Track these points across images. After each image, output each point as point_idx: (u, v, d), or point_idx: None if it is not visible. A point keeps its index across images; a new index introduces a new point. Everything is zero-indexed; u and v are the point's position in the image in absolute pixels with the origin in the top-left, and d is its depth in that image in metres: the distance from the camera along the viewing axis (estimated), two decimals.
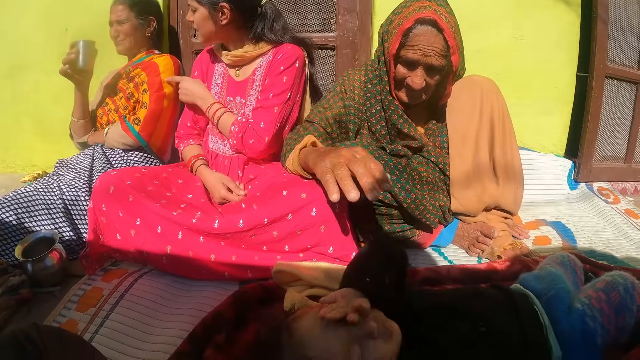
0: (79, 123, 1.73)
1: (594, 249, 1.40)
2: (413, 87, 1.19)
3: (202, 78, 1.59)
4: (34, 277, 1.22)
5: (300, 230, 1.14)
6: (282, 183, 1.21)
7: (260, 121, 1.40)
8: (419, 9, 1.14)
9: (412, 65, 1.18)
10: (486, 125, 1.31)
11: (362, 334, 0.68)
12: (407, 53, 1.16)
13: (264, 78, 1.45)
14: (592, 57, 1.84)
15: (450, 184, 1.33)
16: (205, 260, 1.16)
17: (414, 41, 1.14)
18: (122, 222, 1.22)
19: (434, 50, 1.13)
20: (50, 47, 2.15)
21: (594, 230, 1.56)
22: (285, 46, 1.46)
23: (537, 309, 0.83)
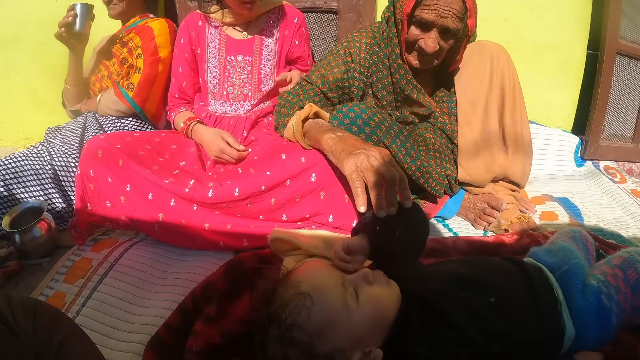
0: (72, 90, 1.68)
1: (601, 227, 1.35)
2: (426, 50, 1.12)
3: (192, 45, 1.51)
4: (22, 249, 1.19)
5: (299, 197, 1.08)
6: (281, 146, 1.16)
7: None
8: None
9: (427, 27, 1.11)
10: (496, 93, 1.25)
11: (356, 277, 0.70)
12: (422, 13, 1.09)
13: (286, 41, 1.51)
14: (603, 32, 1.78)
15: (458, 153, 1.27)
16: (199, 229, 1.11)
17: (430, 0, 1.07)
18: (112, 188, 1.16)
19: (451, 11, 1.07)
20: (42, 17, 2.09)
21: (601, 208, 1.52)
22: (290, 7, 1.52)
23: (552, 283, 0.77)
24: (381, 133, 1.09)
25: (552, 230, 1.28)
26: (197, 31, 1.51)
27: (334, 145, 0.96)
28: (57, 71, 2.02)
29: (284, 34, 1.48)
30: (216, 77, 1.48)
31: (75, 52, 1.61)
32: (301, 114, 1.09)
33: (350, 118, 1.07)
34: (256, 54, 1.46)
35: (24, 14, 2.13)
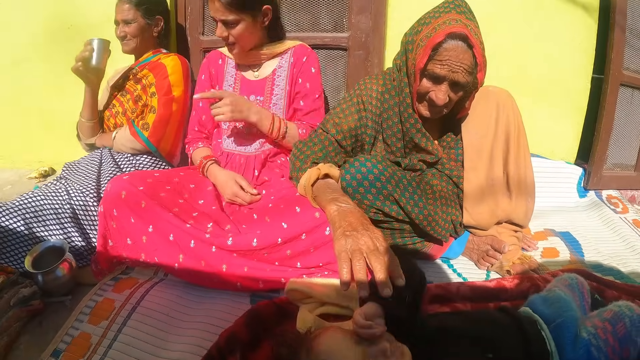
0: (87, 124, 1.71)
1: (600, 263, 1.41)
2: (436, 102, 1.17)
3: (211, 81, 1.58)
4: (44, 288, 1.23)
5: (314, 249, 1.13)
6: (295, 198, 1.21)
7: (317, 122, 1.48)
8: (449, 22, 1.11)
9: (438, 80, 1.16)
10: (501, 139, 1.30)
11: (376, 352, 0.74)
12: (434, 68, 1.13)
13: (293, 80, 1.51)
14: (607, 64, 1.81)
15: (464, 197, 1.32)
16: (217, 270, 1.16)
17: (443, 56, 1.11)
18: (134, 228, 1.22)
19: (462, 66, 1.11)
20: (55, 41, 2.12)
21: (602, 241, 1.57)
22: (303, 48, 1.53)
23: (545, 335, 0.85)
24: (391, 187, 1.14)
25: (553, 268, 1.34)
26: (217, 69, 1.57)
27: (333, 220, 1.02)
28: (69, 94, 2.05)
29: (292, 73, 1.51)
30: None
31: (91, 87, 1.64)
32: (310, 178, 1.15)
33: (362, 173, 1.13)
34: (267, 94, 1.50)
35: (35, 35, 2.16)
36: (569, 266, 1.38)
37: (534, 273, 1.28)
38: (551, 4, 1.78)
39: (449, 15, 1.12)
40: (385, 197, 1.16)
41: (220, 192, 1.40)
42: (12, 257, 1.31)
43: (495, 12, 1.80)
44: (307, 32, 1.93)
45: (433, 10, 1.19)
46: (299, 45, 1.53)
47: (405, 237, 1.27)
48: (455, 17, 1.11)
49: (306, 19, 1.94)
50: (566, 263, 1.42)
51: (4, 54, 2.23)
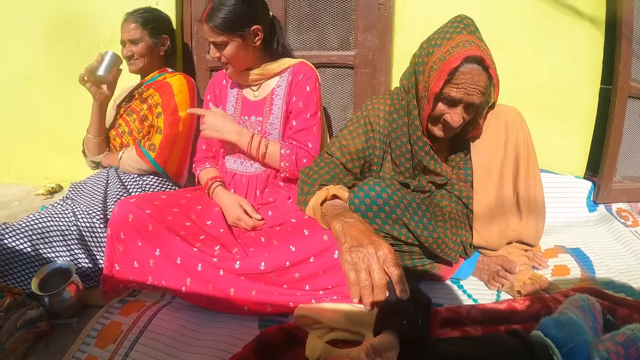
0: (93, 140, 1.70)
1: (612, 279, 1.39)
2: (452, 124, 1.16)
3: (216, 102, 1.58)
4: (51, 310, 1.22)
5: (322, 272, 1.12)
6: (303, 221, 1.20)
7: (307, 142, 1.45)
8: (463, 44, 1.09)
9: (453, 103, 1.15)
10: (511, 159, 1.29)
11: None
12: (450, 91, 1.12)
13: (289, 98, 1.47)
14: (615, 76, 1.80)
15: (473, 218, 1.31)
16: (225, 294, 1.16)
17: (459, 80, 1.10)
18: (141, 251, 1.22)
19: (477, 88, 1.11)
20: (62, 59, 2.14)
21: (612, 257, 1.55)
22: (302, 65, 1.49)
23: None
24: (400, 211, 1.13)
25: (564, 287, 1.33)
26: (220, 89, 1.57)
27: (338, 236, 1.02)
28: (76, 113, 2.07)
29: (289, 91, 1.49)
30: None
31: (98, 101, 1.64)
32: (319, 197, 1.14)
33: (371, 197, 1.12)
34: (266, 114, 1.49)
35: (44, 54, 2.18)
36: (580, 284, 1.37)
37: (545, 293, 1.27)
38: (557, 18, 1.77)
39: (461, 36, 1.11)
40: (394, 221, 1.15)
41: (225, 215, 1.40)
42: (19, 278, 1.30)
43: (501, 29, 1.80)
44: (314, 51, 1.94)
45: (442, 30, 1.18)
46: (298, 64, 1.51)
47: (414, 259, 1.26)
48: (467, 38, 1.10)
49: (313, 38, 1.95)
50: (577, 281, 1.40)
51: (13, 71, 2.25)
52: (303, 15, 1.92)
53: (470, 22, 1.17)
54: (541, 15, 1.77)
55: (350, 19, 1.90)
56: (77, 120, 2.04)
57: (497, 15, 1.79)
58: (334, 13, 1.91)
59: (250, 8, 1.37)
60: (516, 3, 1.77)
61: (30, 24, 2.17)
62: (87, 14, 2.06)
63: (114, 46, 1.79)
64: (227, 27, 1.34)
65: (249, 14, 1.36)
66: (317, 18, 1.92)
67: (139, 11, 1.69)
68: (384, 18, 1.86)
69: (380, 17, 1.86)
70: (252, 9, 1.37)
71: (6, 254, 1.29)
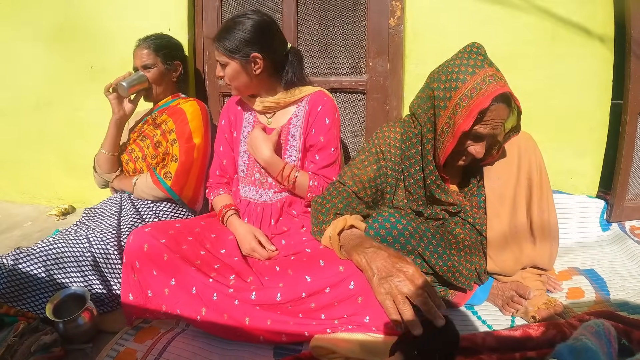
0: (107, 156, 1.69)
1: (627, 301, 1.38)
2: (476, 156, 1.20)
3: (230, 127, 1.59)
4: (65, 335, 1.23)
5: (338, 302, 1.12)
6: (318, 251, 1.21)
7: (333, 176, 1.47)
8: (488, 80, 1.10)
9: (480, 139, 1.17)
10: (524, 184, 1.29)
11: None
12: (478, 129, 1.15)
13: (308, 130, 1.48)
14: (625, 94, 1.80)
15: (487, 245, 1.30)
16: (240, 323, 1.15)
17: (487, 117, 1.13)
18: (156, 280, 1.23)
19: (501, 122, 1.15)
20: (76, 84, 2.18)
21: (627, 277, 1.53)
22: (319, 95, 1.49)
23: None
24: (415, 242, 1.14)
25: (578, 310, 1.32)
26: (235, 114, 1.58)
27: (365, 269, 1.05)
28: (89, 137, 2.10)
29: (307, 123, 1.48)
30: (245, 161, 1.53)
31: (117, 117, 1.66)
32: (337, 227, 1.15)
33: (386, 229, 1.13)
34: (282, 143, 1.49)
35: (58, 79, 2.22)
36: (594, 307, 1.35)
37: (559, 318, 1.26)
38: (567, 38, 1.78)
39: (484, 71, 1.12)
40: (409, 251, 1.15)
41: (239, 245, 1.40)
42: (33, 303, 1.32)
43: (512, 50, 1.80)
44: (326, 76, 1.96)
45: (461, 61, 1.16)
46: (316, 93, 1.50)
47: None
48: (490, 72, 1.12)
49: (324, 63, 1.97)
50: (591, 303, 1.38)
51: (27, 96, 2.29)
52: (314, 41, 1.96)
53: (484, 51, 1.18)
54: (551, 36, 1.78)
55: (361, 44, 1.92)
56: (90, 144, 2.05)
57: (508, 37, 1.80)
58: (345, 38, 1.93)
59: (256, 35, 1.38)
60: (526, 24, 1.78)
61: (44, 48, 2.21)
62: (100, 38, 2.10)
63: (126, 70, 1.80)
64: (226, 48, 1.37)
65: (252, 40, 1.37)
66: (328, 43, 1.95)
67: (151, 37, 1.72)
68: (394, 43, 1.88)
69: (391, 42, 1.88)
70: (257, 37, 1.38)
71: (20, 279, 1.31)
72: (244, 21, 1.37)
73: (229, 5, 2.01)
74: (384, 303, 0.94)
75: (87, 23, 2.10)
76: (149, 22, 2.00)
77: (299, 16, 1.93)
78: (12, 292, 1.29)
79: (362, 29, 1.90)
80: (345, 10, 1.91)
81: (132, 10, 2.04)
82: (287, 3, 1.92)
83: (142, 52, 1.68)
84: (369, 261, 1.02)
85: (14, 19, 2.25)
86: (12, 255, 1.34)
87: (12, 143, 2.41)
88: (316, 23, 1.94)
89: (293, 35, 1.93)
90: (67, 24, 2.14)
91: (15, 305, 1.29)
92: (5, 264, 1.31)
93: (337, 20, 1.92)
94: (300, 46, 1.95)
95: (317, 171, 1.48)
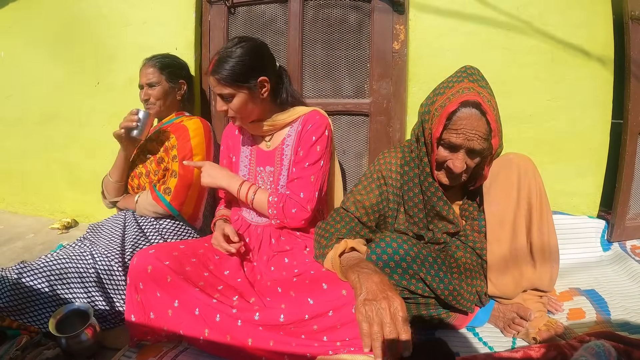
0: (114, 185, 1.73)
1: (627, 321, 1.38)
2: (454, 170, 1.20)
3: (229, 151, 1.61)
4: (68, 351, 1.24)
5: (340, 325, 1.13)
6: (321, 274, 1.22)
7: (300, 192, 1.42)
8: (462, 90, 1.15)
9: (454, 149, 1.19)
10: (524, 208, 1.30)
11: None
12: (450, 137, 1.17)
13: (296, 149, 1.47)
14: (625, 114, 1.82)
15: (487, 269, 1.31)
16: (243, 344, 1.16)
17: (457, 125, 1.15)
18: (160, 301, 1.23)
19: (477, 134, 1.15)
20: (82, 99, 2.20)
21: (628, 297, 1.54)
22: (312, 115, 1.48)
23: None
24: (417, 267, 1.15)
25: (579, 331, 1.32)
26: (233, 140, 1.60)
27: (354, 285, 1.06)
28: (94, 152, 2.14)
29: (298, 141, 1.47)
30: None
31: (126, 152, 1.68)
32: (338, 250, 1.17)
33: (388, 254, 1.14)
34: (277, 165, 1.49)
35: (65, 93, 2.25)
36: (595, 327, 1.36)
37: (560, 339, 1.26)
38: (566, 60, 1.80)
39: (462, 84, 1.17)
40: (411, 277, 1.16)
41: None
42: (35, 317, 1.32)
43: (512, 73, 1.83)
44: (330, 99, 1.98)
45: (447, 80, 1.24)
46: (310, 113, 1.49)
47: (430, 310, 1.27)
48: (468, 85, 1.16)
49: (328, 86, 1.99)
50: (592, 324, 1.39)
51: (33, 108, 2.32)
52: (319, 64, 1.98)
53: (475, 71, 1.22)
54: (550, 58, 1.81)
55: (365, 67, 1.94)
56: (95, 159, 2.10)
57: (508, 60, 1.83)
58: (349, 61, 1.96)
59: (257, 59, 1.39)
60: (526, 47, 1.81)
61: (51, 62, 2.24)
62: (107, 56, 2.13)
63: (133, 88, 1.84)
64: (233, 79, 1.34)
65: (255, 65, 1.38)
66: (332, 66, 1.97)
67: (157, 57, 1.76)
68: (398, 66, 1.90)
69: (394, 65, 1.90)
70: (258, 61, 1.39)
71: (24, 293, 1.32)
72: (239, 49, 1.36)
73: (236, 26, 2.04)
74: (360, 323, 0.94)
75: (95, 40, 2.14)
76: (156, 41, 2.03)
77: (304, 39, 1.96)
78: (15, 305, 1.30)
79: (366, 52, 1.93)
80: (349, 34, 1.94)
81: (141, 30, 2.08)
82: (292, 26, 1.95)
83: (147, 70, 1.72)
84: (361, 280, 1.03)
85: (21, 31, 2.29)
86: (16, 268, 1.35)
87: (17, 154, 2.44)
88: (321, 46, 1.96)
89: (298, 57, 1.95)
90: (75, 40, 2.18)
91: (18, 319, 1.30)
92: (8, 277, 1.32)
93: (342, 43, 1.95)
94: (305, 68, 1.98)
95: (287, 184, 1.46)
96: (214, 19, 2.04)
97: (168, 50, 1.86)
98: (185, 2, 2.00)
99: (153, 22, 2.06)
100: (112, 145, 1.67)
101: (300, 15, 1.93)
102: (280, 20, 1.98)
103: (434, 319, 1.29)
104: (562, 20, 1.78)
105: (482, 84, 1.19)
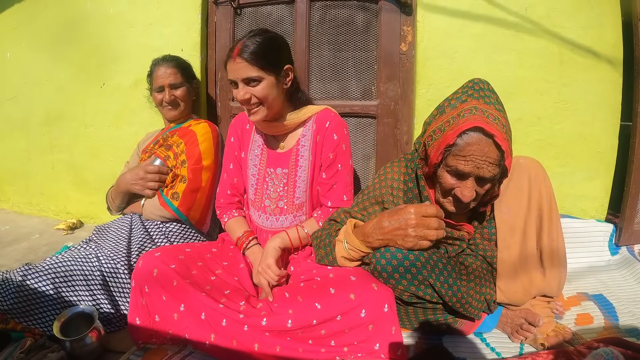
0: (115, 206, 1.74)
1: (636, 326, 1.37)
2: (462, 200, 1.12)
3: (238, 145, 1.55)
4: (72, 354, 1.23)
5: (348, 329, 1.12)
6: (328, 279, 1.20)
7: (342, 195, 1.46)
8: (463, 114, 1.06)
9: (462, 177, 1.11)
10: (534, 215, 1.29)
11: None
12: (458, 164, 1.08)
13: (317, 149, 1.44)
14: (634, 117, 1.79)
15: (497, 276, 1.30)
16: (249, 349, 1.15)
17: (465, 151, 1.05)
18: (165, 305, 1.23)
19: (487, 160, 1.05)
20: (87, 99, 2.20)
21: (636, 302, 1.53)
22: (326, 113, 1.46)
23: None
24: (426, 272, 1.13)
25: (587, 337, 1.31)
26: (243, 132, 1.55)
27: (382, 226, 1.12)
28: (99, 154, 2.13)
29: (316, 141, 1.44)
30: (253, 185, 1.51)
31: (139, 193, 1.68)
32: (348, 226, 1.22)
33: (398, 259, 1.12)
34: (292, 167, 1.46)
35: (70, 94, 2.24)
36: (603, 333, 1.35)
37: (568, 345, 1.25)
38: (575, 62, 1.79)
39: (465, 104, 1.08)
40: (420, 282, 1.15)
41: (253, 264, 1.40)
42: (40, 320, 1.32)
43: (521, 75, 1.81)
44: (337, 100, 1.96)
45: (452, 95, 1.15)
46: (322, 111, 1.46)
47: (437, 315, 1.26)
48: (473, 104, 1.06)
49: (335, 87, 1.98)
50: (600, 330, 1.38)
51: (38, 108, 2.32)
52: (325, 65, 1.97)
53: (482, 86, 1.12)
54: (559, 60, 1.79)
55: (373, 69, 1.92)
56: (100, 160, 2.10)
57: (516, 61, 1.81)
58: (357, 63, 1.94)
59: (284, 46, 1.38)
60: (535, 49, 1.79)
61: (56, 62, 2.24)
62: (113, 56, 2.13)
63: (138, 89, 1.83)
64: (265, 58, 1.28)
65: (283, 50, 1.37)
66: (339, 68, 1.96)
67: (170, 57, 1.73)
68: (405, 68, 1.89)
69: (402, 67, 1.89)
70: (285, 48, 1.38)
71: (28, 295, 1.31)
72: (265, 34, 1.32)
73: (242, 28, 2.03)
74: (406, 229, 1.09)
75: (100, 41, 2.14)
76: (162, 42, 2.03)
77: (310, 40, 1.95)
78: (19, 308, 1.29)
79: (374, 54, 1.91)
80: (356, 35, 1.93)
81: (146, 31, 2.07)
82: (299, 27, 1.94)
83: (167, 70, 1.69)
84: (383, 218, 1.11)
85: (26, 33, 2.29)
86: (21, 271, 1.34)
87: (23, 154, 2.44)
88: (328, 47, 1.95)
89: (305, 59, 1.94)
90: (80, 41, 2.17)
91: (22, 321, 1.30)
92: (13, 279, 1.32)
93: (349, 44, 1.94)
94: (312, 70, 1.97)
95: (326, 194, 1.45)
96: (220, 20, 2.03)
97: (174, 52, 1.85)
98: (191, 3, 2.00)
99: (159, 23, 2.05)
100: (117, 146, 1.67)
101: (306, 17, 1.92)
102: (286, 22, 1.98)
103: (442, 325, 1.28)
104: (571, 21, 1.76)
105: (488, 100, 1.09)
